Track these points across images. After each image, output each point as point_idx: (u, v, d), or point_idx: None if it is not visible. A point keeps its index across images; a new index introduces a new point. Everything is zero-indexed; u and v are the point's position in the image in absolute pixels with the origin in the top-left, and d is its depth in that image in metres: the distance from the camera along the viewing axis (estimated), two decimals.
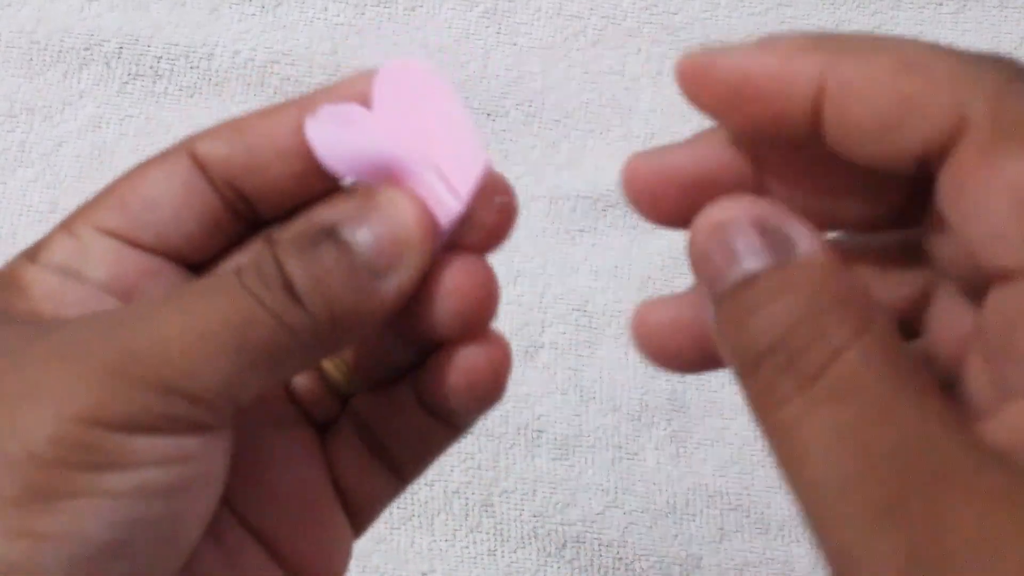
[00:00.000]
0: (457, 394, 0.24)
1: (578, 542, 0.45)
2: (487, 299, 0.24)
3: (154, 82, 0.50)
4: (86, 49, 0.50)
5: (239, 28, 0.51)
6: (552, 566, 0.45)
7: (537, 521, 0.45)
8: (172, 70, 0.50)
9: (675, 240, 0.51)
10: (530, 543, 0.45)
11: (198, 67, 0.50)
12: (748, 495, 0.46)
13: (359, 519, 0.26)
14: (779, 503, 0.46)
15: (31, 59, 0.49)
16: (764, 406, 0.18)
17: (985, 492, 0.16)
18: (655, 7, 0.53)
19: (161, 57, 0.50)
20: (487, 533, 0.45)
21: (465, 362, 0.24)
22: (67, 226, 0.24)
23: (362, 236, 0.21)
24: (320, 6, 0.51)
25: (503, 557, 0.45)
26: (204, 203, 0.24)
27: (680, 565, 0.45)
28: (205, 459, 0.21)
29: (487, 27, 0.52)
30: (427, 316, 0.23)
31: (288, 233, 0.23)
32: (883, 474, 0.16)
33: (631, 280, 0.49)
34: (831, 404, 0.17)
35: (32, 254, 0.24)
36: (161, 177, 0.24)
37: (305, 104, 0.24)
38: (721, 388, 0.48)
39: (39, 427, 0.19)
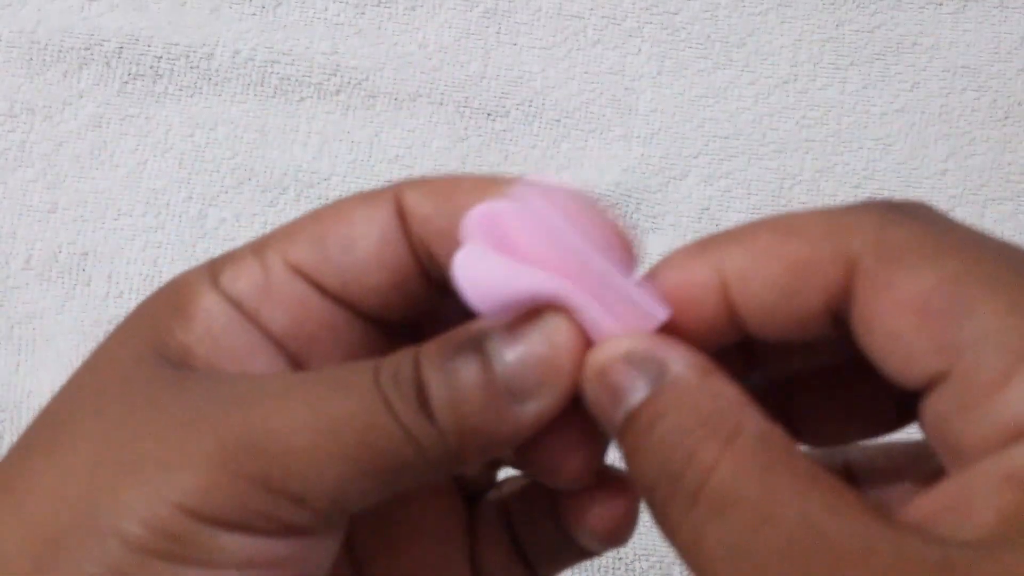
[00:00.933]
0: (587, 535, 0.23)
1: None
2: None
3: (154, 82, 0.50)
4: (86, 49, 0.50)
5: (239, 28, 0.51)
6: None
7: None
8: (172, 70, 0.50)
9: (675, 240, 0.51)
10: None
11: (198, 67, 0.50)
12: None
13: None
14: None
15: (31, 59, 0.49)
16: (666, 532, 0.18)
17: (875, 570, 0.16)
18: (655, 7, 0.53)
19: (161, 57, 0.50)
20: None
21: (598, 511, 0.22)
22: (259, 250, 0.22)
23: (508, 353, 0.20)
24: (320, 6, 0.51)
25: None
26: (398, 256, 0.22)
27: (680, 565, 0.45)
28: (298, 564, 0.20)
29: (487, 27, 0.52)
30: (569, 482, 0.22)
31: (437, 338, 0.21)
32: None
33: None
34: (715, 521, 0.17)
35: (216, 271, 0.22)
36: (364, 219, 0.22)
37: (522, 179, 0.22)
38: None
39: (137, 506, 0.18)
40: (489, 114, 0.50)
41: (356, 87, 0.50)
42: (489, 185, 0.22)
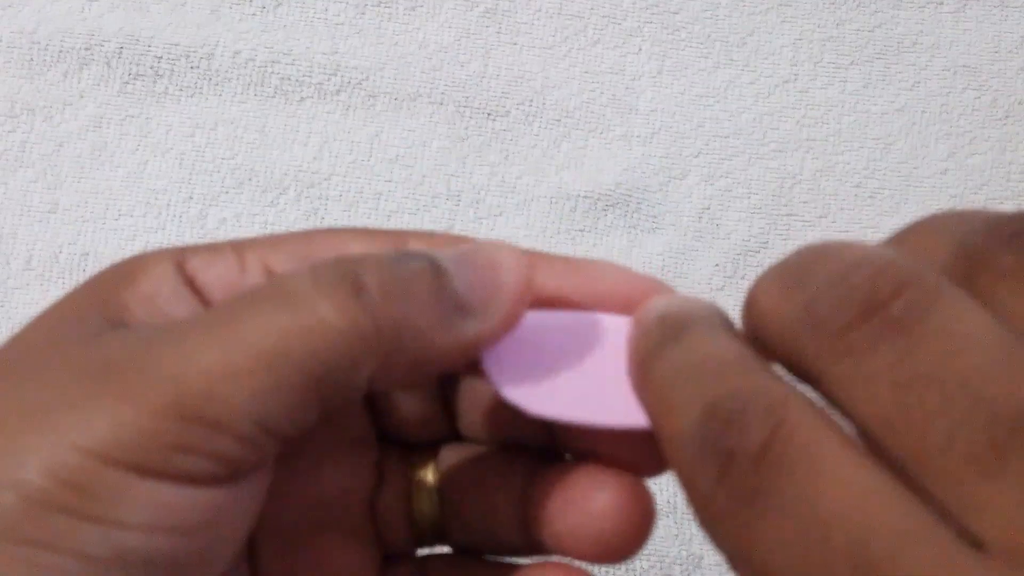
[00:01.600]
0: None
1: None
2: (637, 535, 0.22)
3: (154, 82, 0.50)
4: (86, 49, 0.50)
5: (239, 28, 0.51)
6: None
7: None
8: (172, 70, 0.50)
9: (675, 240, 0.51)
10: None
11: (198, 67, 0.50)
12: None
13: None
14: None
15: (31, 59, 0.49)
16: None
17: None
18: (656, 7, 0.53)
19: (161, 57, 0.50)
20: None
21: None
22: (241, 249, 0.21)
23: (460, 269, 0.19)
24: (320, 6, 0.51)
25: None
26: None
27: (681, 564, 0.45)
28: (210, 527, 0.18)
29: (487, 27, 0.52)
30: (564, 531, 0.21)
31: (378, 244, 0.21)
32: None
33: None
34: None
35: (183, 254, 0.21)
36: (358, 248, 0.21)
37: (530, 260, 0.21)
38: None
39: (38, 452, 0.17)
40: (489, 114, 0.50)
41: (356, 87, 0.50)
42: (496, 248, 0.21)
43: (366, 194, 0.49)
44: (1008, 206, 0.51)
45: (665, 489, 0.46)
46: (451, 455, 0.24)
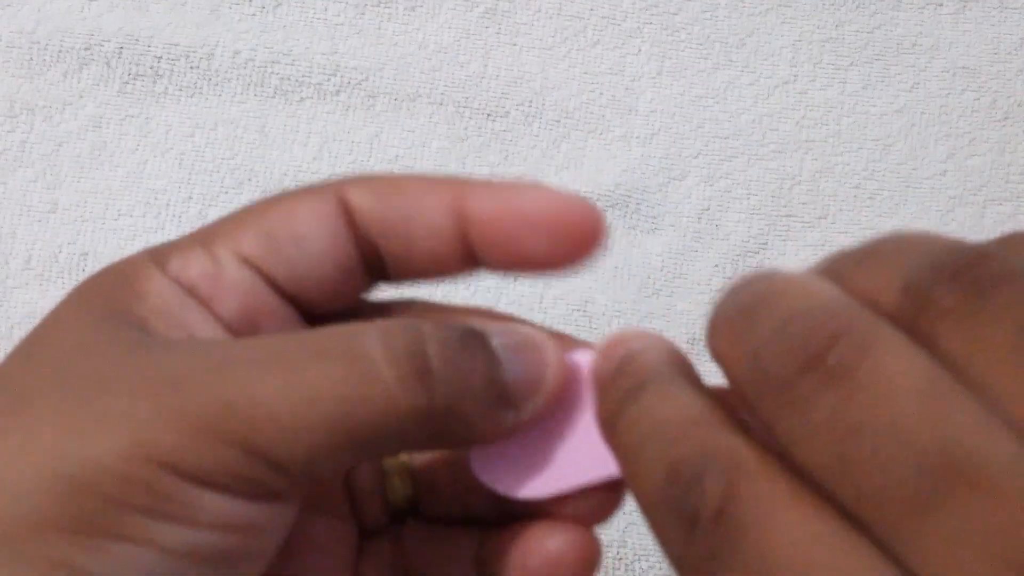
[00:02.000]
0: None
1: None
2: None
3: (154, 82, 0.50)
4: (86, 49, 0.50)
5: (239, 28, 0.51)
6: None
7: None
8: (172, 70, 0.50)
9: (675, 240, 0.51)
10: None
11: (198, 67, 0.50)
12: None
13: None
14: None
15: (31, 59, 0.49)
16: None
17: None
18: (655, 7, 0.53)
19: (161, 57, 0.50)
20: None
21: (554, 549, 0.22)
22: (206, 242, 0.22)
23: (510, 359, 0.21)
24: (320, 6, 0.51)
25: None
26: (346, 253, 0.23)
27: None
28: (265, 531, 0.20)
29: (487, 27, 0.52)
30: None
31: (428, 319, 0.21)
32: None
33: (631, 280, 0.49)
34: None
35: (162, 259, 0.22)
36: (308, 215, 0.23)
37: (462, 186, 0.23)
38: None
39: (108, 456, 0.18)
40: (489, 114, 0.50)
41: (356, 87, 0.50)
42: (431, 185, 0.23)
43: None
44: (1007, 207, 0.51)
45: None
46: None
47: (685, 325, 0.48)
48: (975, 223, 0.51)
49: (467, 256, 0.23)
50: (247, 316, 0.22)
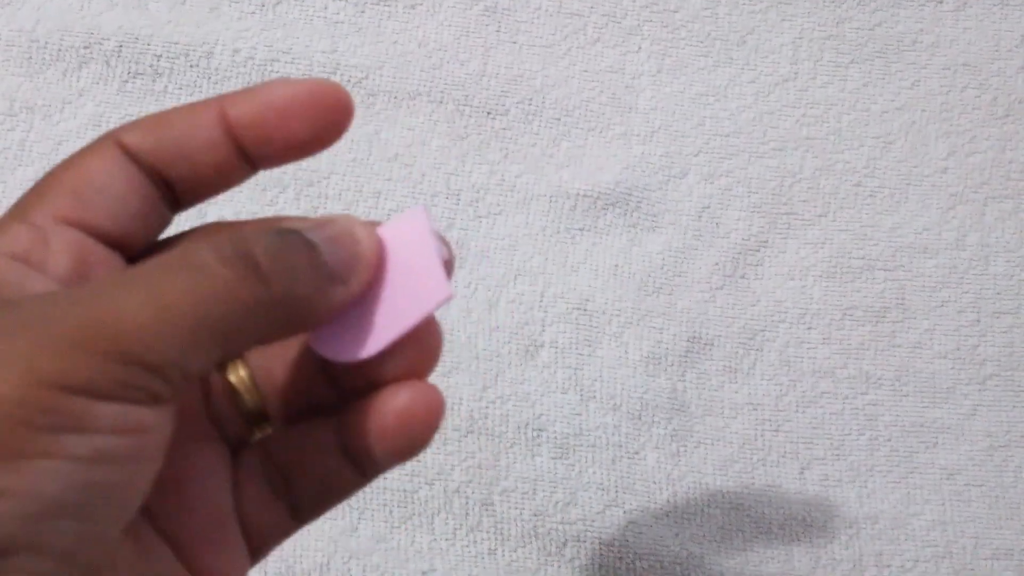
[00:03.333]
0: (387, 439, 0.25)
1: (578, 541, 0.45)
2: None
3: (154, 80, 0.50)
4: (86, 48, 0.50)
5: (239, 26, 0.51)
6: (552, 565, 0.45)
7: (537, 520, 0.45)
8: (172, 68, 0.50)
9: (675, 239, 0.51)
10: (530, 542, 0.45)
11: (198, 65, 0.50)
12: (748, 494, 0.46)
13: (254, 548, 0.27)
14: (779, 502, 0.46)
15: (31, 58, 0.49)
16: None
17: None
18: (655, 5, 0.53)
19: (161, 55, 0.50)
20: (487, 532, 0.45)
21: (402, 404, 0.25)
22: (22, 216, 0.25)
23: (327, 244, 0.24)
24: (320, 4, 0.51)
25: (503, 556, 0.45)
26: (143, 190, 0.25)
27: (680, 564, 0.45)
28: (156, 431, 0.22)
29: (487, 25, 0.52)
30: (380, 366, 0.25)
31: (246, 224, 0.25)
32: None
33: (631, 279, 0.49)
34: None
35: None
36: (100, 166, 0.25)
37: (221, 100, 0.26)
38: (721, 387, 0.47)
39: (6, 388, 0.20)
40: (489, 112, 0.50)
41: (356, 85, 0.50)
42: (192, 108, 0.26)
43: (365, 192, 0.49)
44: (1008, 204, 0.51)
45: (665, 489, 0.46)
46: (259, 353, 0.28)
47: (685, 323, 0.48)
48: (976, 220, 0.51)
49: (243, 160, 0.26)
50: (79, 270, 0.25)
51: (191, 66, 0.50)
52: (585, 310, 0.48)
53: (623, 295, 0.48)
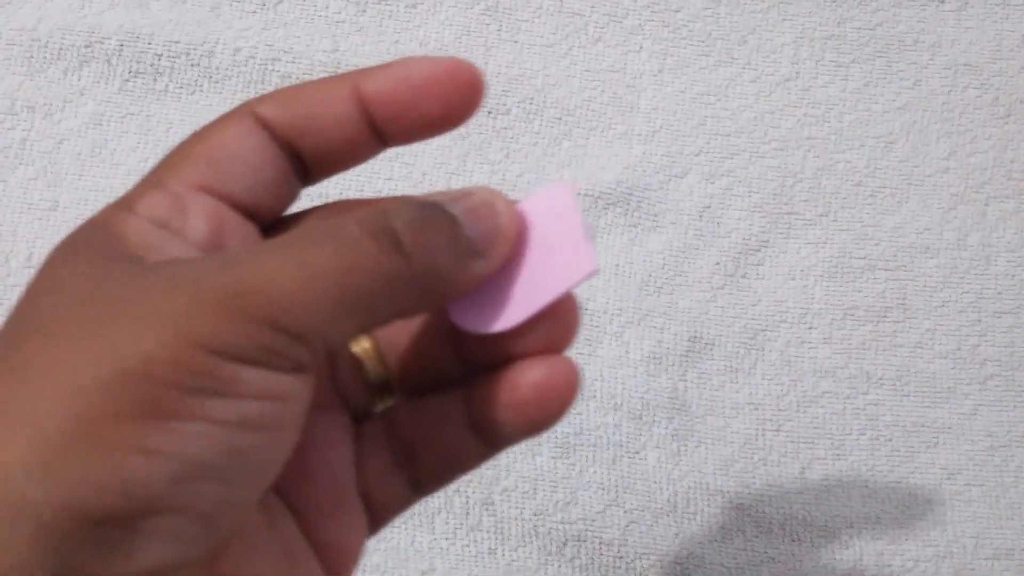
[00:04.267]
0: (522, 412, 0.25)
1: (579, 540, 0.45)
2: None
3: (155, 80, 0.50)
4: (87, 47, 0.50)
5: (240, 26, 0.51)
6: (553, 565, 0.45)
7: (538, 519, 0.45)
8: (173, 68, 0.50)
9: (676, 238, 0.51)
10: (531, 541, 0.45)
11: (199, 65, 0.50)
12: (749, 494, 0.46)
13: (373, 519, 0.27)
14: (780, 502, 0.46)
15: (32, 57, 0.49)
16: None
17: None
18: (657, 4, 0.53)
19: (162, 55, 0.50)
20: (488, 532, 0.45)
21: (540, 377, 0.25)
22: (158, 183, 0.25)
23: (467, 218, 0.24)
24: (321, 4, 0.51)
25: (504, 555, 0.45)
26: (277, 161, 0.26)
27: (681, 564, 0.45)
28: (297, 399, 0.22)
29: (488, 24, 0.52)
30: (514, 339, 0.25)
31: (391, 199, 0.25)
32: None
33: (631, 279, 0.49)
34: None
35: (128, 205, 0.24)
36: (236, 136, 0.25)
37: (355, 75, 0.26)
38: (722, 387, 0.47)
39: (160, 348, 0.20)
40: (490, 112, 0.50)
41: None
42: (327, 82, 0.26)
43: (367, 191, 0.49)
44: (1009, 204, 0.51)
45: (665, 488, 0.46)
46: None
47: (686, 323, 0.48)
48: (977, 220, 0.51)
49: (374, 136, 0.26)
50: (215, 237, 0.25)
51: (192, 65, 0.50)
52: (586, 309, 0.48)
53: (624, 295, 0.48)
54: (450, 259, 0.23)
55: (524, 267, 0.25)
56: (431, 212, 0.23)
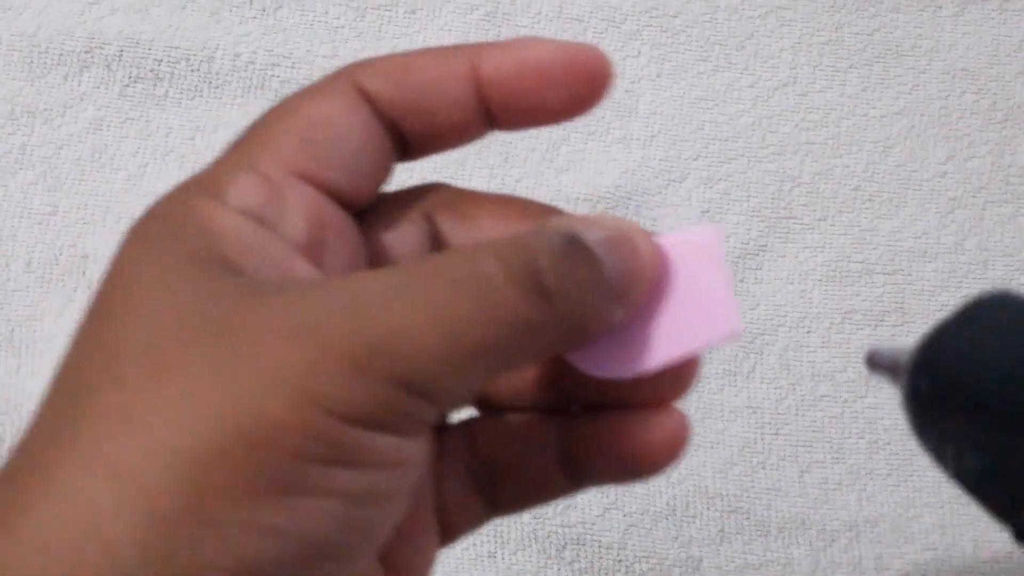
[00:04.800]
0: (626, 461, 0.23)
1: (578, 544, 0.45)
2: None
3: (155, 85, 0.50)
4: (87, 52, 0.50)
5: (240, 31, 0.51)
6: (552, 568, 0.45)
7: (537, 523, 0.45)
8: (173, 73, 0.50)
9: None
10: (530, 545, 0.45)
11: (199, 70, 0.50)
12: (748, 497, 0.46)
13: (443, 536, 0.25)
14: (779, 505, 0.46)
15: (32, 62, 0.50)
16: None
17: None
18: (655, 10, 0.53)
19: (162, 60, 0.50)
20: (487, 535, 0.45)
21: (651, 430, 0.23)
22: (250, 163, 0.22)
23: (612, 259, 0.21)
24: (321, 9, 0.51)
25: (503, 559, 0.45)
26: (378, 141, 0.23)
27: (680, 567, 0.45)
28: (420, 462, 0.20)
29: (487, 30, 0.52)
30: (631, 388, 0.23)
31: (532, 231, 0.21)
32: None
33: None
34: None
35: (215, 190, 0.21)
36: (337, 111, 0.22)
37: (472, 52, 0.23)
38: (721, 390, 0.48)
39: (284, 412, 0.18)
40: None
41: None
42: (442, 57, 0.23)
43: None
44: (1007, 209, 0.51)
45: (664, 492, 0.46)
46: None
47: None
48: (975, 225, 0.51)
49: (484, 119, 0.23)
50: (313, 233, 0.22)
51: (192, 71, 0.50)
52: None
53: None
54: (590, 305, 0.21)
55: (657, 313, 0.22)
56: (575, 249, 0.20)
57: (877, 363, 0.21)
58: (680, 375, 0.23)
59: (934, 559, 0.46)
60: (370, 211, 0.24)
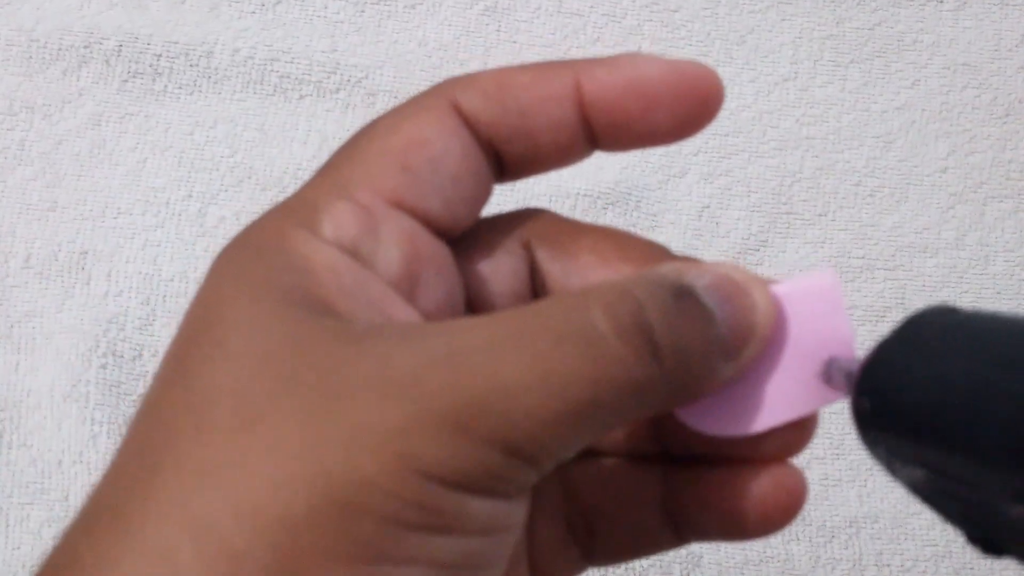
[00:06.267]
0: (737, 519, 0.22)
1: None
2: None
3: (153, 80, 0.50)
4: (85, 47, 0.50)
5: (239, 26, 0.51)
6: None
7: None
8: (172, 68, 0.50)
9: (675, 238, 0.51)
10: None
11: (198, 65, 0.50)
12: None
13: None
14: None
15: (30, 57, 0.49)
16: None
17: None
18: (655, 4, 0.53)
19: (161, 55, 0.50)
20: None
21: (765, 489, 0.22)
22: (345, 190, 0.20)
23: (725, 312, 0.19)
24: (320, 4, 0.51)
25: None
26: (477, 166, 0.21)
27: (680, 563, 0.45)
28: (519, 526, 0.19)
29: (487, 25, 0.52)
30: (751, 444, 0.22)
31: (640, 278, 0.20)
32: None
33: None
34: None
35: (310, 221, 0.20)
36: (436, 134, 0.21)
37: (575, 69, 0.21)
38: None
39: (379, 475, 0.17)
40: None
41: (356, 85, 0.50)
42: (542, 76, 0.21)
43: None
44: (1008, 204, 0.51)
45: None
46: None
47: None
48: (975, 220, 0.51)
49: (587, 141, 0.22)
50: (409, 267, 0.20)
51: (191, 65, 0.50)
52: None
53: None
54: (702, 363, 0.19)
55: (774, 366, 0.21)
56: (687, 304, 0.19)
57: (831, 377, 0.21)
58: (798, 430, 0.22)
59: (934, 555, 0.46)
60: (466, 238, 0.22)
